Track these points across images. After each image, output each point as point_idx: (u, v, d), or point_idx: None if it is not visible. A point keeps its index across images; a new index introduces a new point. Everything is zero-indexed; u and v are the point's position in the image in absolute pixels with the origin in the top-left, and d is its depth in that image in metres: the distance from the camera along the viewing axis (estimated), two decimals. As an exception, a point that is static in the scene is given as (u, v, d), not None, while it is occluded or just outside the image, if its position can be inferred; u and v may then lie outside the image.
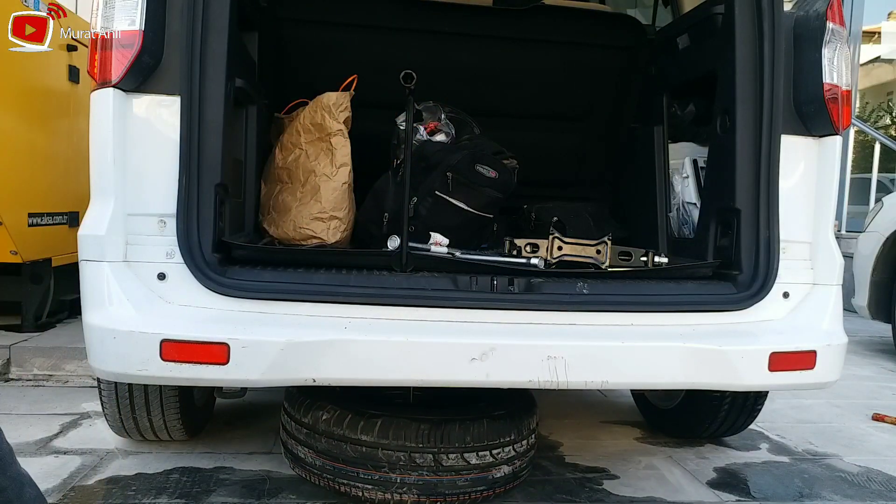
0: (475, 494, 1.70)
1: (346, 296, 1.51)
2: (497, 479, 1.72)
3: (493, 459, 1.69)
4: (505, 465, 1.72)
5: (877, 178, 6.62)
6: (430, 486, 1.65)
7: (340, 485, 1.68)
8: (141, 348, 1.38)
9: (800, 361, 1.58)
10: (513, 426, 1.73)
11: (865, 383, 3.41)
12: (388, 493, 1.65)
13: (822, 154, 1.72)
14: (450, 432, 1.65)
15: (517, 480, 1.79)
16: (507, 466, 1.73)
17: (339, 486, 1.69)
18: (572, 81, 2.46)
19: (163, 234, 1.48)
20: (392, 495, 1.65)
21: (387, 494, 1.65)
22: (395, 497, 1.65)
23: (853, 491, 2.01)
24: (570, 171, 2.70)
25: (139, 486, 1.84)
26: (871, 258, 3.98)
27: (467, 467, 1.67)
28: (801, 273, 1.71)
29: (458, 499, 1.69)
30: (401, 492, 1.64)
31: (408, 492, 1.65)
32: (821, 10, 1.68)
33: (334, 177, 1.85)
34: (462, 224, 1.93)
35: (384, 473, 1.64)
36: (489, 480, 1.71)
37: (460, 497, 1.69)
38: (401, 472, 1.64)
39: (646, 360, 1.51)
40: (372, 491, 1.66)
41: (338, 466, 1.67)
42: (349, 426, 1.64)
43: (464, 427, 1.66)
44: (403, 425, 1.63)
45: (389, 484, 1.64)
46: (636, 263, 1.87)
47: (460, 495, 1.69)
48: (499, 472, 1.72)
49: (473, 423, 1.67)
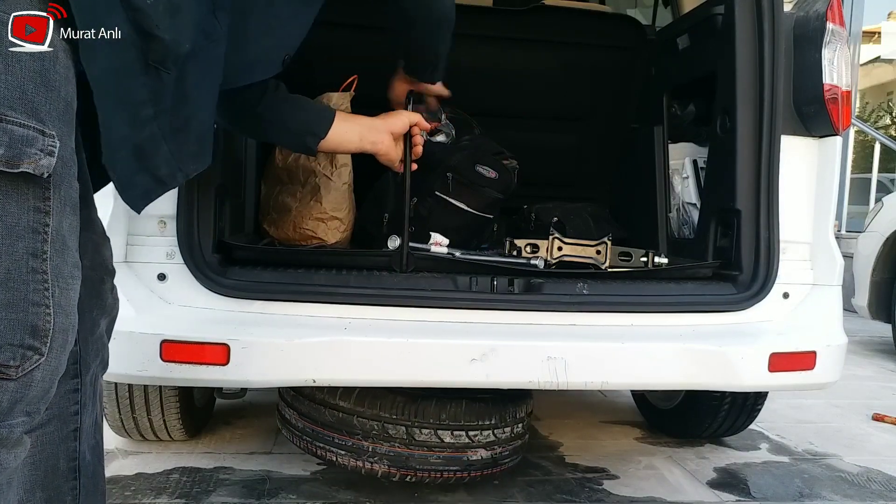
0: (448, 474, 1.71)
1: (346, 296, 1.51)
2: (473, 462, 1.72)
3: (468, 441, 1.70)
4: (483, 448, 1.72)
5: (877, 178, 6.63)
6: (402, 459, 1.67)
7: (317, 448, 1.72)
8: (141, 349, 1.39)
9: (800, 362, 1.58)
10: (494, 411, 1.73)
11: (865, 383, 3.42)
12: (359, 461, 1.68)
13: (823, 154, 1.72)
14: (425, 407, 1.66)
15: (496, 467, 1.79)
16: (485, 451, 1.73)
17: (316, 449, 1.72)
18: (572, 81, 2.46)
19: (163, 235, 1.48)
20: (364, 463, 1.68)
21: (358, 462, 1.68)
22: (367, 465, 1.68)
23: (853, 491, 2.02)
24: (570, 171, 2.69)
25: (139, 486, 1.84)
26: (871, 258, 3.99)
27: (440, 445, 1.68)
28: (801, 273, 1.71)
29: (430, 475, 1.70)
30: (372, 461, 1.67)
31: (379, 462, 1.67)
32: (821, 10, 1.68)
33: (334, 177, 1.85)
34: (462, 224, 1.93)
35: (357, 441, 1.67)
36: (464, 462, 1.71)
37: (431, 474, 1.70)
38: (373, 441, 1.66)
39: (646, 361, 1.51)
40: (345, 457, 1.68)
41: (316, 430, 1.70)
42: (329, 391, 1.66)
43: (440, 404, 1.67)
44: (380, 395, 1.65)
45: (361, 452, 1.67)
46: (636, 264, 1.87)
47: (432, 472, 1.70)
48: (475, 455, 1.72)
49: (451, 402, 1.68)
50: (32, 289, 0.74)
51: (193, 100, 0.94)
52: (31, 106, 0.72)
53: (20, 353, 0.73)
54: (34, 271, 0.74)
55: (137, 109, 0.86)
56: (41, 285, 0.75)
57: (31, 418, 0.78)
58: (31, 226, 0.73)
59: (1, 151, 0.69)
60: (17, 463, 0.78)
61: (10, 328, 0.72)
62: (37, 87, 0.72)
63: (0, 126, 0.69)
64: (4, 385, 0.72)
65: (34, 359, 0.74)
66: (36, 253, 0.74)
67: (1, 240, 0.71)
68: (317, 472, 1.98)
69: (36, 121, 0.71)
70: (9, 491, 0.78)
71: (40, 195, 0.74)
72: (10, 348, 0.72)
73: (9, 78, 0.70)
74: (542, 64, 2.41)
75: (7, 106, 0.70)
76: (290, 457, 2.08)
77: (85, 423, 1.01)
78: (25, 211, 0.73)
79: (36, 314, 0.74)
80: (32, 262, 0.74)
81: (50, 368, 0.77)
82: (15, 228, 0.72)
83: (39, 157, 0.71)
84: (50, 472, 0.96)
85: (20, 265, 0.73)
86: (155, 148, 0.90)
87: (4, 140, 0.69)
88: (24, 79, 0.71)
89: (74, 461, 1.00)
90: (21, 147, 0.70)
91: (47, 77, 0.74)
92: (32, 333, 0.74)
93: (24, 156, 0.70)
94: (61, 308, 0.77)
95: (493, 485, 1.93)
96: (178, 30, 0.86)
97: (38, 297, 0.74)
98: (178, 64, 0.88)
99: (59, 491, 0.98)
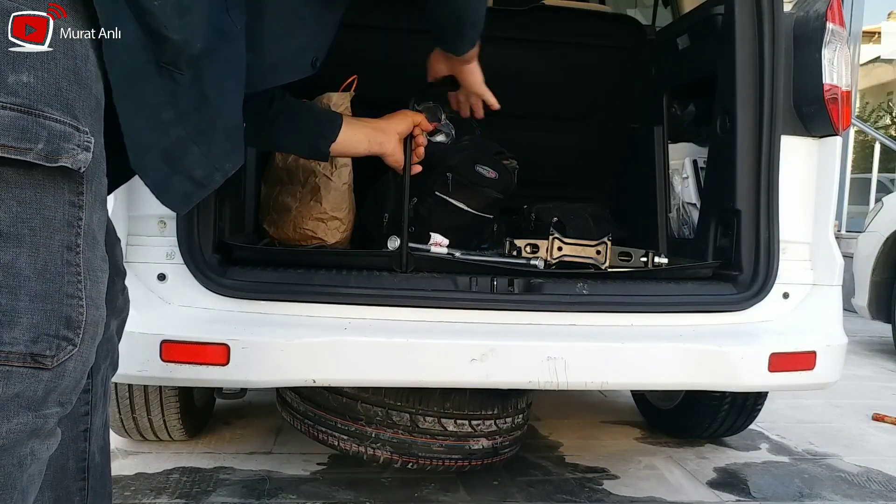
0: (449, 462, 1.71)
1: (346, 296, 1.51)
2: (474, 451, 1.73)
3: (471, 430, 1.71)
4: (484, 438, 1.73)
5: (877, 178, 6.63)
6: (405, 446, 1.67)
7: (319, 432, 1.72)
8: (141, 349, 1.38)
9: (799, 362, 1.57)
10: (496, 401, 1.74)
11: (865, 383, 3.42)
12: (362, 447, 1.68)
13: (822, 154, 1.72)
14: (429, 395, 1.66)
15: (497, 457, 1.80)
16: (487, 440, 1.74)
17: (318, 433, 1.72)
18: (572, 81, 2.46)
19: (163, 235, 1.48)
20: (366, 449, 1.68)
21: (361, 448, 1.68)
22: (369, 451, 1.68)
23: (853, 491, 2.02)
24: (570, 171, 2.69)
25: (139, 486, 1.84)
26: (871, 258, 3.99)
27: (444, 433, 1.68)
28: (800, 273, 1.71)
29: (432, 463, 1.71)
30: (374, 447, 1.67)
31: (382, 448, 1.67)
32: (821, 10, 1.68)
33: (334, 177, 1.85)
34: (462, 225, 1.93)
35: (360, 426, 1.67)
36: (465, 451, 1.72)
37: (433, 462, 1.71)
38: (377, 427, 1.66)
39: (645, 361, 1.51)
40: (347, 442, 1.69)
41: (319, 414, 1.70)
42: None
43: (444, 393, 1.67)
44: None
45: (364, 437, 1.67)
46: (636, 264, 1.87)
47: (434, 460, 1.70)
48: (476, 445, 1.73)
49: (455, 391, 1.68)
50: (67, 281, 0.75)
51: (214, 100, 0.93)
52: (67, 102, 0.73)
53: (55, 344, 0.74)
54: (69, 264, 0.75)
55: (157, 112, 0.86)
56: (75, 277, 0.76)
57: (64, 409, 0.79)
58: (67, 219, 0.75)
59: (41, 146, 0.70)
60: (49, 454, 0.79)
61: (47, 319, 0.73)
62: (70, 85, 0.73)
63: (38, 122, 0.70)
64: (40, 375, 0.73)
65: (68, 349, 0.75)
66: (70, 246, 0.75)
67: (39, 232, 0.72)
68: (317, 472, 1.98)
69: (71, 117, 0.73)
70: (39, 482, 0.79)
71: (75, 189, 0.75)
72: (47, 339, 0.73)
73: (45, 76, 0.71)
74: (542, 64, 2.41)
75: (45, 102, 0.71)
76: (290, 457, 2.08)
77: (95, 423, 1.02)
78: (61, 205, 0.74)
79: (70, 306, 0.75)
80: (67, 255, 0.75)
81: (82, 359, 0.78)
82: (52, 222, 0.73)
83: (77, 152, 0.73)
84: (59, 473, 0.97)
85: (56, 258, 0.74)
86: (184, 150, 0.91)
87: (43, 135, 0.70)
88: (59, 76, 0.72)
89: (84, 462, 1.00)
90: (59, 142, 0.71)
91: (80, 75, 0.75)
92: (67, 324, 0.75)
93: (63, 151, 0.71)
94: (92, 300, 0.78)
95: (493, 485, 1.93)
96: (188, 29, 0.86)
97: (73, 289, 0.76)
98: (192, 65, 0.88)
99: (68, 491, 0.98)
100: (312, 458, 2.06)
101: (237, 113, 1.01)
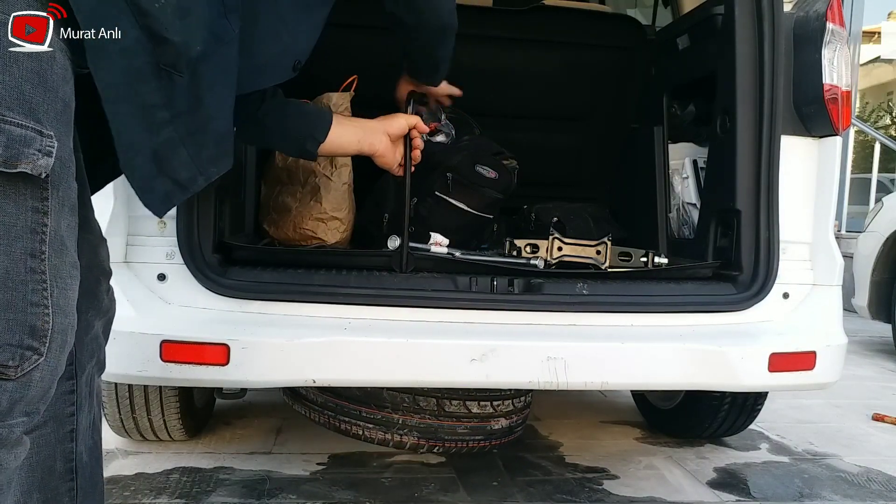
0: (472, 443, 1.73)
1: (346, 296, 1.51)
2: (494, 432, 1.75)
3: (493, 410, 1.72)
4: (503, 417, 1.75)
5: (877, 178, 6.63)
6: (431, 431, 1.68)
7: (342, 422, 1.71)
8: (141, 349, 1.39)
9: (799, 362, 1.58)
10: None
11: (865, 383, 3.42)
12: (388, 434, 1.68)
13: (822, 154, 1.72)
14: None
15: (512, 435, 1.82)
16: (505, 420, 1.76)
17: (339, 423, 1.72)
18: (572, 81, 2.46)
19: (163, 235, 1.48)
20: (393, 436, 1.68)
21: (387, 435, 1.68)
22: (396, 438, 1.68)
23: (853, 491, 2.02)
24: (570, 171, 2.69)
25: (139, 486, 1.84)
26: (871, 258, 3.99)
27: (468, 415, 1.70)
28: (800, 274, 1.71)
29: (456, 445, 1.72)
30: (402, 433, 1.67)
31: (408, 434, 1.68)
32: (821, 10, 1.68)
33: (334, 177, 1.85)
34: (462, 225, 1.93)
35: (387, 413, 1.67)
36: (487, 431, 1.73)
37: (458, 444, 1.72)
38: (403, 413, 1.66)
39: (645, 361, 1.51)
40: (373, 430, 1.68)
41: (340, 404, 1.69)
42: None
43: None
44: None
45: (391, 424, 1.67)
46: (636, 264, 1.87)
47: (458, 442, 1.72)
48: (497, 425, 1.74)
49: None
50: (31, 289, 0.74)
51: (208, 102, 0.94)
52: (29, 106, 0.72)
53: (19, 354, 0.73)
54: (33, 271, 0.74)
55: (152, 114, 0.86)
56: (40, 285, 0.75)
57: (31, 418, 0.78)
58: (30, 226, 0.73)
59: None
60: (18, 463, 0.78)
61: (9, 328, 0.72)
62: (34, 88, 0.72)
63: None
64: (3, 385, 0.72)
65: (33, 359, 0.74)
66: (34, 253, 0.74)
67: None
68: (317, 472, 1.98)
69: (34, 121, 0.71)
70: (8, 491, 0.79)
71: (38, 195, 0.74)
72: (10, 348, 0.72)
73: (6, 78, 0.70)
74: (542, 64, 2.41)
75: (5, 106, 0.70)
76: (290, 457, 2.08)
77: (81, 424, 1.01)
78: (24, 211, 0.73)
79: (35, 314, 0.74)
80: (31, 263, 0.74)
81: (49, 368, 0.77)
82: (13, 229, 0.72)
83: (37, 158, 0.71)
84: (47, 474, 0.96)
85: (18, 265, 0.73)
86: (173, 152, 0.90)
87: (2, 140, 0.69)
88: (21, 79, 0.71)
89: (71, 462, 0.99)
90: (19, 147, 0.70)
91: (45, 77, 0.73)
92: (31, 333, 0.74)
93: (22, 156, 0.70)
94: (60, 308, 0.77)
95: (493, 485, 1.93)
96: (188, 32, 0.86)
97: (37, 297, 0.74)
98: (190, 67, 0.88)
99: (57, 492, 0.98)
100: (312, 458, 2.06)
101: (228, 118, 1.01)
